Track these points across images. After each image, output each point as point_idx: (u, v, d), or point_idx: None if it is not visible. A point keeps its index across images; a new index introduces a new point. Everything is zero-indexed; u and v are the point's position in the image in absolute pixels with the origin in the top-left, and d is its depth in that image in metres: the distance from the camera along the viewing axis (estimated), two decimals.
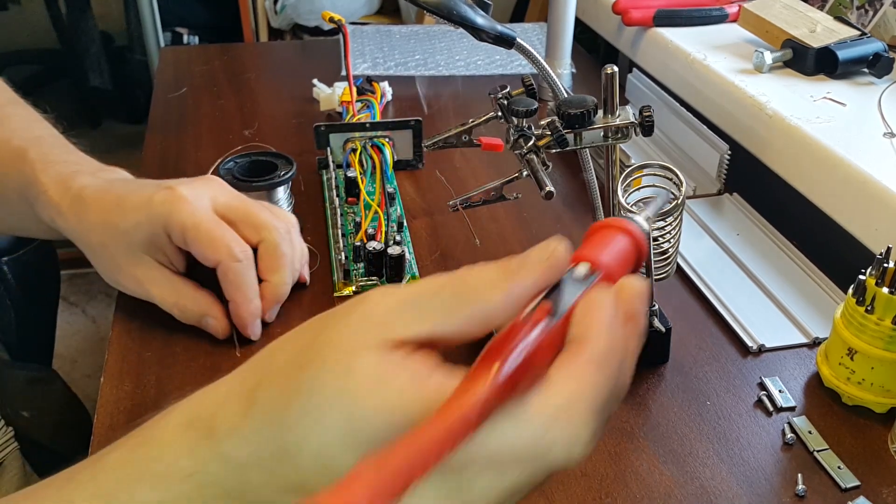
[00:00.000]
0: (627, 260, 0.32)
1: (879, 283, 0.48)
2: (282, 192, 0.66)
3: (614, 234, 0.32)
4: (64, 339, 1.46)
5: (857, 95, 0.72)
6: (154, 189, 0.54)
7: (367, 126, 0.75)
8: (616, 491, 0.46)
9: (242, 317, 0.55)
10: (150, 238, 0.54)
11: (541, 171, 0.50)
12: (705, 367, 0.55)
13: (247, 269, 0.55)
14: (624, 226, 0.32)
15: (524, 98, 0.52)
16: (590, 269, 0.30)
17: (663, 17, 0.88)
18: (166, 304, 0.56)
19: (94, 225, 0.54)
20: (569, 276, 0.30)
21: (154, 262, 0.55)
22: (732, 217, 0.72)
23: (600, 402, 0.28)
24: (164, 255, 0.55)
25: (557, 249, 0.30)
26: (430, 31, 1.14)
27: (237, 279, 0.54)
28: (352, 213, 0.69)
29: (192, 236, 0.53)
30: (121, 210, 0.54)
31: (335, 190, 0.70)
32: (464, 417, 0.25)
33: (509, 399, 0.27)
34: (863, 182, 0.59)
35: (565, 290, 0.30)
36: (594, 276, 0.30)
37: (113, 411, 0.51)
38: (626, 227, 0.32)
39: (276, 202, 0.66)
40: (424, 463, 0.24)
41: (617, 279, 0.31)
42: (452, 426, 0.25)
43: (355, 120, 0.80)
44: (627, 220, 0.33)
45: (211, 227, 0.53)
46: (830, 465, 0.47)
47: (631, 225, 0.33)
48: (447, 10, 0.53)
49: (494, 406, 0.26)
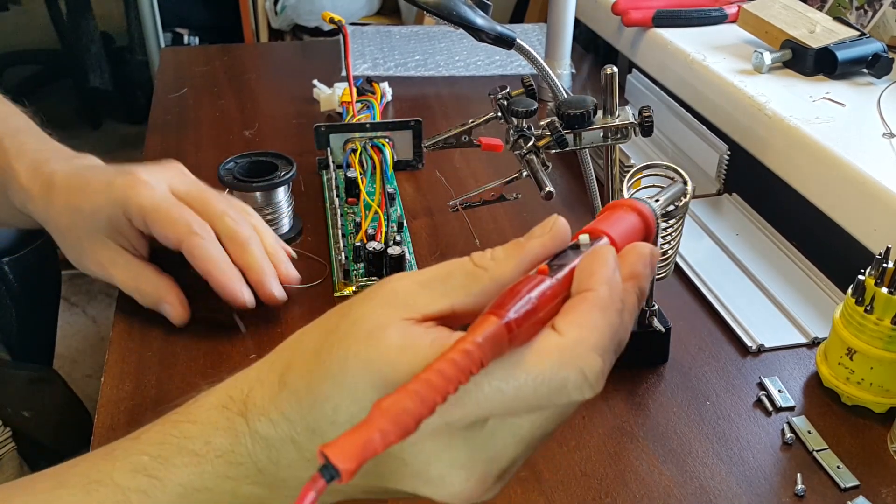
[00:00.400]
0: (634, 234, 0.33)
1: (878, 283, 0.48)
2: (282, 192, 0.66)
3: (624, 212, 0.33)
4: (64, 339, 1.46)
5: (856, 96, 0.72)
6: (115, 174, 0.55)
7: (367, 126, 0.75)
8: (616, 491, 0.46)
9: (225, 286, 0.54)
10: (111, 221, 0.54)
11: (541, 171, 0.50)
12: (705, 367, 0.55)
13: (210, 243, 0.54)
14: (633, 204, 0.34)
15: (524, 98, 0.52)
16: (590, 239, 0.32)
17: (663, 18, 0.88)
18: (127, 288, 0.56)
19: (61, 209, 0.55)
20: (573, 246, 0.32)
21: (116, 246, 0.55)
22: (732, 217, 0.72)
23: (605, 343, 0.29)
24: (126, 238, 0.55)
25: (558, 220, 0.32)
26: (430, 31, 1.14)
27: (203, 253, 0.54)
28: (352, 214, 0.70)
29: (151, 218, 0.53)
30: (84, 194, 0.54)
31: (335, 190, 0.70)
32: (466, 352, 0.26)
33: (513, 346, 0.27)
34: (862, 182, 0.59)
35: (568, 255, 0.31)
36: (596, 242, 0.32)
37: (113, 411, 0.51)
38: (635, 206, 0.34)
39: (276, 203, 0.66)
40: (433, 398, 0.25)
41: (622, 246, 0.33)
42: (455, 362, 0.25)
43: (355, 120, 0.80)
44: (637, 200, 0.34)
45: (169, 207, 0.54)
46: (830, 464, 0.48)
47: (640, 204, 0.34)
48: (447, 10, 0.53)
49: (498, 348, 0.27)
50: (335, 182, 0.72)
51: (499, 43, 0.55)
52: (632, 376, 0.54)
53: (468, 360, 0.26)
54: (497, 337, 0.26)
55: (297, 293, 0.61)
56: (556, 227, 0.31)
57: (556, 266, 0.30)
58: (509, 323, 0.27)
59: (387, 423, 0.24)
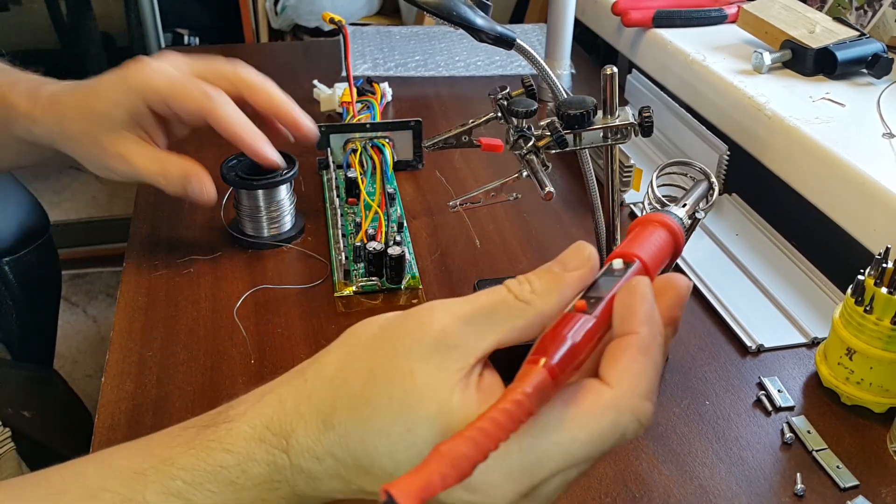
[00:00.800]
0: (664, 252, 0.34)
1: (878, 283, 0.48)
2: (284, 190, 0.66)
3: (653, 229, 0.34)
4: (65, 339, 1.46)
5: (855, 96, 0.72)
6: (122, 70, 0.57)
7: (367, 126, 0.75)
8: (616, 491, 0.46)
9: (251, 146, 0.58)
10: (131, 113, 0.56)
11: (541, 171, 0.50)
12: (704, 366, 0.55)
13: (230, 107, 0.57)
14: (663, 220, 0.35)
15: (524, 99, 0.52)
16: (623, 264, 0.33)
17: (662, 18, 0.88)
18: (151, 174, 0.57)
19: (72, 117, 0.56)
20: (606, 271, 0.32)
21: (136, 138, 0.57)
22: (731, 217, 0.72)
23: (652, 385, 0.30)
24: (144, 129, 0.57)
25: (590, 251, 0.32)
26: (430, 31, 1.14)
27: (226, 118, 0.57)
28: (352, 214, 0.70)
29: (171, 96, 0.56)
30: (96, 95, 0.56)
31: (335, 190, 0.70)
32: (518, 402, 0.27)
33: (557, 388, 0.29)
34: (861, 182, 0.59)
35: (600, 285, 0.32)
36: (629, 267, 0.33)
37: (114, 411, 0.51)
38: (665, 221, 0.35)
39: (278, 201, 0.66)
40: (487, 445, 0.26)
41: (654, 269, 0.33)
42: (508, 412, 0.27)
43: (355, 121, 0.80)
44: (665, 215, 0.35)
45: (185, 83, 0.56)
46: (829, 464, 0.48)
47: (669, 219, 0.35)
48: (447, 11, 0.53)
49: (545, 394, 0.28)
50: (335, 182, 0.72)
51: (499, 43, 0.55)
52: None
53: (519, 409, 0.27)
54: (544, 384, 0.28)
55: (298, 293, 0.61)
56: (593, 259, 0.32)
57: (593, 299, 0.31)
58: (553, 368, 0.28)
59: (446, 468, 0.26)
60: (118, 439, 0.48)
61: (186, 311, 0.59)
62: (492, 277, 0.60)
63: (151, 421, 0.50)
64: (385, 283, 0.62)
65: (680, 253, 0.36)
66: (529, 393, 0.27)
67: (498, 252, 0.67)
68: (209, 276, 0.63)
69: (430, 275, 0.64)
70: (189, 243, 0.67)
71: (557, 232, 0.70)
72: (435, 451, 0.26)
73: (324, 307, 0.60)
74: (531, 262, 0.65)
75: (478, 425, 0.27)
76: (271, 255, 0.66)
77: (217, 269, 0.64)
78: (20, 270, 0.78)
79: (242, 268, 0.64)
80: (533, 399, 0.27)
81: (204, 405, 0.51)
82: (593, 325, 0.30)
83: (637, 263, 0.33)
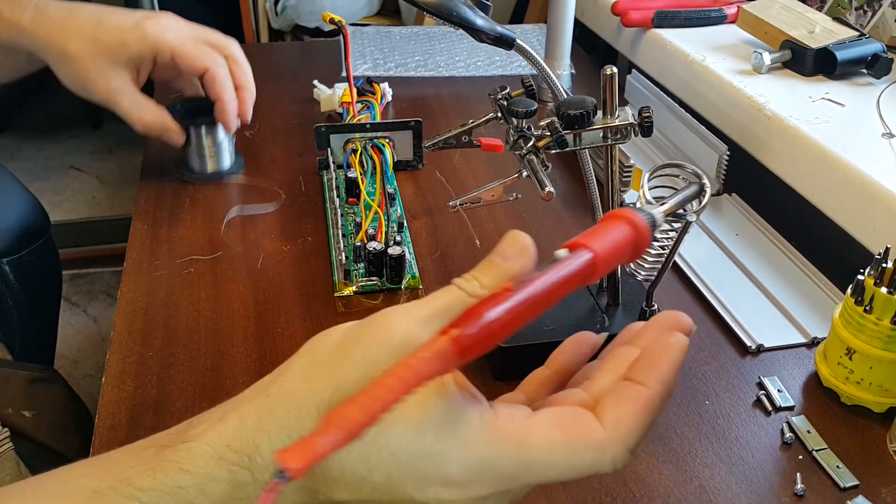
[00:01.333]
0: (621, 247, 0.34)
1: (878, 283, 0.48)
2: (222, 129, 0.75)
3: (616, 223, 0.34)
4: (65, 339, 1.46)
5: (855, 96, 0.72)
6: (137, 16, 0.67)
7: (367, 127, 0.75)
8: (616, 490, 0.46)
9: (226, 111, 0.70)
10: (135, 57, 0.66)
11: (541, 171, 0.50)
12: (704, 366, 0.56)
13: (226, 76, 0.70)
14: (629, 216, 0.34)
15: (524, 99, 0.52)
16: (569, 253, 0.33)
17: (662, 18, 0.88)
18: (130, 116, 0.68)
19: (70, 37, 0.64)
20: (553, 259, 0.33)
21: (127, 77, 0.67)
22: (731, 217, 0.73)
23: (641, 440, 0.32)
24: (137, 73, 0.68)
25: (528, 241, 0.33)
26: (430, 32, 1.14)
27: (221, 82, 0.70)
28: (352, 214, 0.70)
29: (179, 52, 0.67)
30: (105, 28, 0.65)
31: (335, 190, 0.70)
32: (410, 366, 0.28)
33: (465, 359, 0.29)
34: (861, 182, 0.59)
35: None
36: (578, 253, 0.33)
37: (114, 411, 0.51)
38: (631, 217, 0.34)
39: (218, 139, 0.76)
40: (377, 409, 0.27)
41: (606, 262, 0.33)
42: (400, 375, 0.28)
43: (356, 121, 0.80)
44: (633, 211, 0.34)
45: (196, 45, 0.69)
46: (829, 464, 0.48)
47: (636, 215, 0.34)
48: (447, 11, 0.53)
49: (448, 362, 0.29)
50: (335, 182, 0.72)
51: (499, 43, 0.55)
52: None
53: (412, 374, 0.28)
54: (444, 353, 0.28)
55: (298, 293, 0.61)
56: (529, 247, 0.33)
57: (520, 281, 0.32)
58: (459, 339, 0.29)
59: (334, 430, 0.27)
60: (118, 439, 0.48)
61: (186, 311, 0.59)
62: None
63: (152, 421, 0.50)
64: (385, 283, 0.62)
65: (642, 250, 0.35)
66: (425, 358, 0.28)
67: None
68: (209, 276, 0.63)
69: (430, 275, 0.64)
70: (189, 243, 0.67)
71: (557, 232, 0.70)
72: (326, 415, 0.27)
73: (324, 307, 0.60)
74: None
75: (368, 389, 0.27)
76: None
77: (217, 269, 0.64)
78: (21, 270, 0.78)
79: (242, 265, 0.64)
80: (429, 365, 0.28)
81: (204, 405, 0.51)
82: (512, 305, 0.30)
83: (586, 254, 0.33)
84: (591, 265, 0.32)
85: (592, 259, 0.32)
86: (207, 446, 0.31)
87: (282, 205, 0.72)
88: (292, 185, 0.76)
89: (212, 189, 0.75)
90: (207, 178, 0.76)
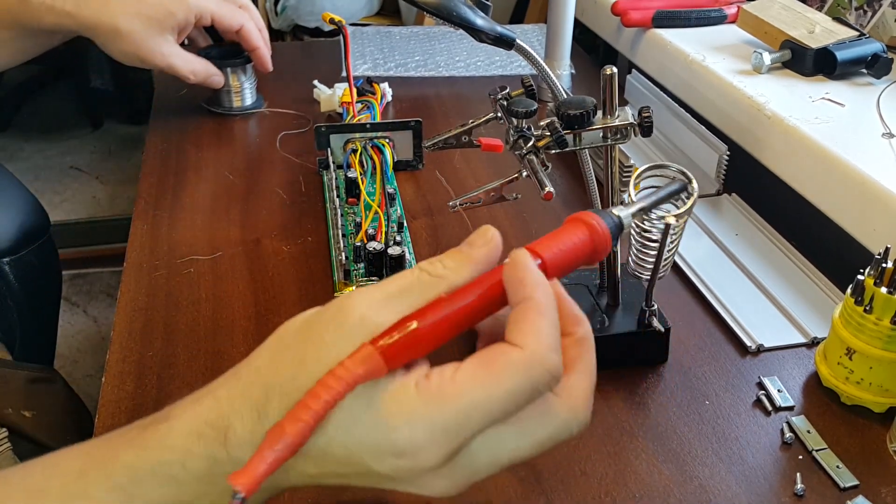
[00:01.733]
0: (575, 251, 0.35)
1: (878, 283, 0.48)
2: (248, 69, 0.89)
3: (574, 227, 0.35)
4: (65, 339, 1.46)
5: (855, 96, 0.72)
6: None
7: (367, 127, 0.75)
8: (616, 490, 0.46)
9: (263, 58, 0.87)
10: (181, 24, 0.78)
11: (541, 171, 0.50)
12: (704, 366, 0.56)
13: (256, 28, 0.86)
14: (587, 220, 0.35)
15: (524, 99, 0.52)
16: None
17: (662, 18, 0.88)
18: (183, 70, 0.81)
19: (118, 16, 0.74)
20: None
21: (174, 41, 0.79)
22: (731, 217, 0.73)
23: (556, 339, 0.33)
24: (180, 36, 0.80)
25: (495, 234, 0.35)
26: (430, 32, 1.14)
27: (254, 35, 0.85)
28: (352, 214, 0.70)
29: (217, 13, 0.81)
30: (148, 3, 0.75)
31: (335, 190, 0.71)
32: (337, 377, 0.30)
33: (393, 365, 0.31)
34: (861, 182, 0.59)
35: None
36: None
37: (114, 411, 0.51)
38: (589, 222, 0.35)
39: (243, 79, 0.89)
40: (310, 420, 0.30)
41: (557, 267, 0.35)
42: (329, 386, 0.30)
43: (355, 121, 0.80)
44: (595, 214, 0.35)
45: (229, 7, 0.82)
46: (829, 464, 0.48)
47: (595, 219, 0.35)
48: (447, 11, 0.53)
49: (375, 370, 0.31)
50: (335, 182, 0.72)
51: (499, 44, 0.55)
52: (631, 376, 0.54)
53: (339, 384, 0.30)
54: (369, 361, 0.30)
55: (298, 293, 0.61)
56: (496, 238, 0.35)
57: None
58: (384, 349, 0.31)
59: (275, 445, 0.29)
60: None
61: (186, 311, 0.60)
62: None
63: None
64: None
65: (604, 253, 0.36)
66: (349, 368, 0.30)
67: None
68: (209, 276, 0.63)
69: None
70: (189, 243, 0.67)
71: None
72: (268, 433, 0.30)
73: None
74: None
75: (301, 401, 0.30)
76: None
77: (217, 269, 0.64)
78: (20, 270, 0.78)
79: (242, 266, 0.64)
80: (354, 373, 0.30)
81: None
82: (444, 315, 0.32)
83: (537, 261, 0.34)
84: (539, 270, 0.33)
85: (540, 265, 0.33)
86: (186, 424, 0.33)
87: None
88: (292, 184, 0.76)
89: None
90: (236, 111, 0.90)
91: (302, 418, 0.30)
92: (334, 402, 0.30)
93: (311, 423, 0.30)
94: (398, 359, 0.31)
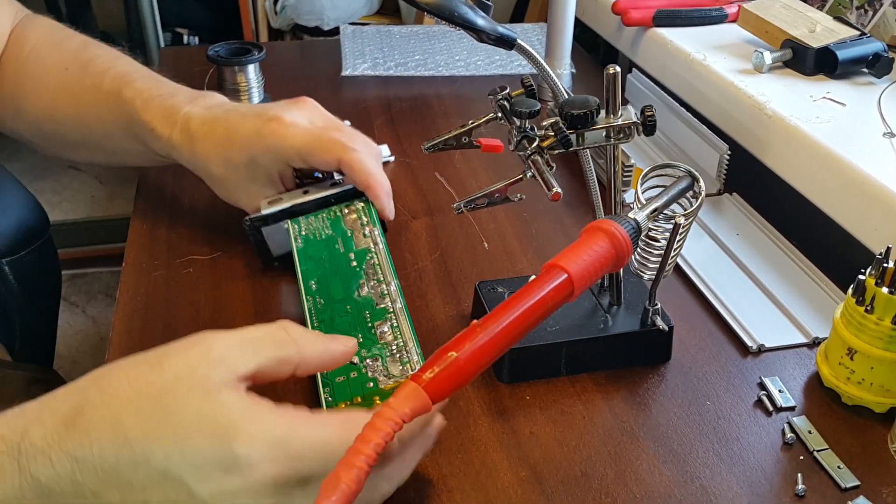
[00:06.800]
0: (601, 262, 0.35)
1: (879, 283, 0.48)
2: (252, 69, 0.86)
3: (594, 237, 0.34)
4: (65, 340, 1.46)
5: (856, 95, 0.72)
6: (259, 122, 0.60)
7: (309, 205, 0.62)
8: (616, 491, 0.46)
9: (381, 197, 0.60)
10: (268, 169, 0.61)
11: (547, 172, 0.50)
12: (705, 366, 0.55)
13: (365, 156, 0.59)
14: (606, 227, 0.34)
15: (527, 99, 0.52)
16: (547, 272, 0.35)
17: (663, 18, 0.88)
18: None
19: (211, 158, 0.61)
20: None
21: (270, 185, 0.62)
22: (732, 217, 0.72)
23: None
24: (279, 174, 0.61)
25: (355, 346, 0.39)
26: (429, 31, 1.14)
27: (362, 165, 0.59)
28: None
29: (308, 154, 0.59)
30: (232, 144, 0.60)
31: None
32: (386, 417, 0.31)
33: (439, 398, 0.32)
34: (862, 182, 0.59)
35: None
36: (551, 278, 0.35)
37: None
38: (607, 229, 0.34)
39: (249, 78, 0.86)
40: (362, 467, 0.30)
41: (584, 279, 0.35)
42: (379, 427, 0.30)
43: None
44: (614, 222, 0.35)
45: (319, 138, 0.59)
46: (830, 464, 0.48)
47: (614, 226, 0.34)
48: (447, 11, 0.53)
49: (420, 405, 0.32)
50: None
51: (499, 44, 0.55)
52: (632, 376, 0.54)
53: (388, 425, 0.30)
54: (411, 396, 0.31)
55: (298, 294, 0.61)
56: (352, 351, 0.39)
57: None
58: (427, 383, 0.31)
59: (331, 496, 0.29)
60: None
61: (186, 311, 0.59)
62: (492, 278, 0.59)
63: None
64: None
65: (626, 258, 0.36)
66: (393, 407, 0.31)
67: (498, 252, 0.67)
68: (209, 276, 0.63)
69: (429, 275, 0.64)
70: (189, 243, 0.67)
71: (558, 232, 0.70)
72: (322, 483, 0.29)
73: None
74: (531, 262, 0.65)
75: (353, 447, 0.30)
76: None
77: (217, 269, 0.64)
78: (20, 271, 0.78)
79: (242, 266, 0.64)
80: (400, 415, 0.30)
81: None
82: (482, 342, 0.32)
83: (562, 275, 0.34)
84: (567, 285, 0.33)
85: (566, 280, 0.33)
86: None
87: None
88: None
89: None
90: None
91: (356, 464, 0.29)
92: (385, 443, 0.30)
93: (364, 467, 0.29)
94: (442, 391, 0.31)
